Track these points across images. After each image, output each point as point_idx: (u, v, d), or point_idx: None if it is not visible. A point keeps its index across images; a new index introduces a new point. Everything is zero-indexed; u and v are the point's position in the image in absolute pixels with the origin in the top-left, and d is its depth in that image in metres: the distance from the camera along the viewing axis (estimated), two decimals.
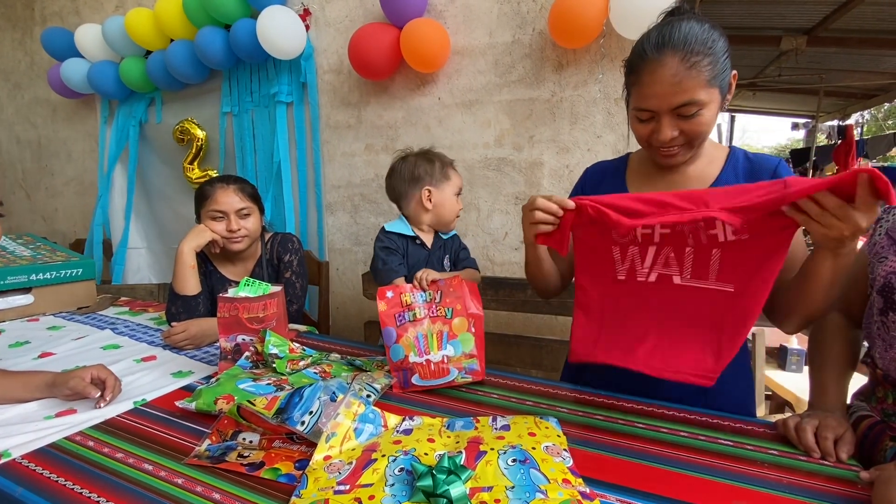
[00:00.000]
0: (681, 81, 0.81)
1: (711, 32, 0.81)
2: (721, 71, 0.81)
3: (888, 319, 0.74)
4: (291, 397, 0.72)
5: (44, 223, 3.26)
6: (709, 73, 0.80)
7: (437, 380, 0.96)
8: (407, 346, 0.97)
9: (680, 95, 0.81)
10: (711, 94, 0.82)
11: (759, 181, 0.83)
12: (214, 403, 0.82)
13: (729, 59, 0.82)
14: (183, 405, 0.85)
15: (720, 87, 0.82)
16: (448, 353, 0.98)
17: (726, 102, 0.86)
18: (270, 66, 2.19)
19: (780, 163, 0.91)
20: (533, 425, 0.77)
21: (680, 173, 0.94)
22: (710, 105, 0.83)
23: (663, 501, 0.62)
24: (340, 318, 2.30)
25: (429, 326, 0.99)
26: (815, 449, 0.72)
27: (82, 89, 2.59)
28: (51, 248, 1.73)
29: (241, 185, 1.41)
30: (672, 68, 0.81)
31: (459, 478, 0.59)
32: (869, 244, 0.83)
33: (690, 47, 0.80)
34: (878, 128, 9.35)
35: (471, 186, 1.96)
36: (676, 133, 0.85)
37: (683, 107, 0.82)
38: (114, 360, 1.11)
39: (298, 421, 0.69)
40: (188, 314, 1.31)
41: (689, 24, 0.81)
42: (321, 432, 0.67)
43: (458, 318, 1.00)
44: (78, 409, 0.89)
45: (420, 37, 1.77)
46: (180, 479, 0.65)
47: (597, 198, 0.78)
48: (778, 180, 0.70)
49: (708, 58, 0.80)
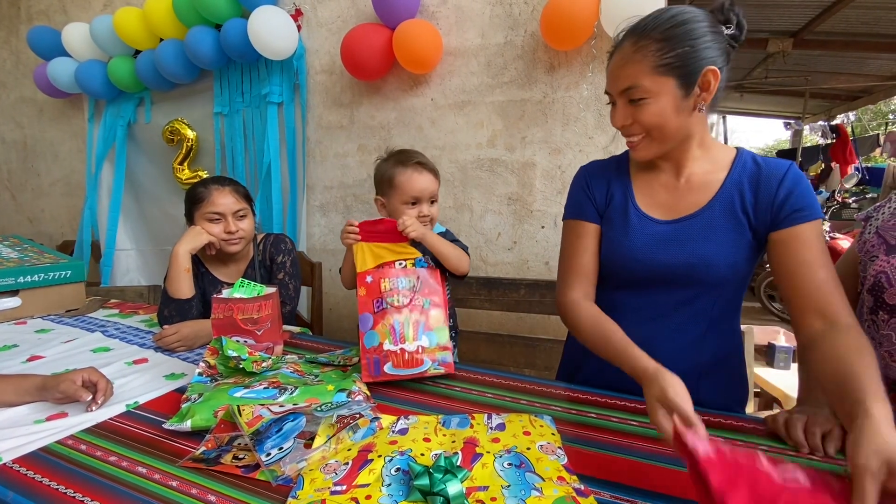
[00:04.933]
0: (625, 65, 0.81)
1: (682, 21, 0.77)
2: (679, 60, 0.77)
3: (878, 318, 0.75)
4: (272, 425, 0.70)
5: (30, 224, 3.21)
6: (656, 59, 0.77)
7: (410, 369, 0.96)
8: (383, 334, 0.97)
9: (623, 80, 0.81)
10: (659, 82, 0.78)
11: (765, 188, 0.83)
12: (214, 416, 0.77)
13: (707, 50, 0.77)
14: (173, 427, 0.77)
15: (678, 77, 0.78)
16: (423, 344, 0.98)
17: (702, 100, 0.80)
18: (262, 67, 2.18)
19: (791, 167, 0.84)
20: (528, 424, 0.78)
21: (677, 176, 0.90)
22: (659, 95, 0.79)
23: (656, 497, 0.62)
24: (334, 319, 2.29)
25: (407, 315, 0.99)
26: (804, 444, 0.73)
27: (69, 89, 2.55)
28: (38, 250, 1.71)
29: (235, 187, 1.40)
30: (623, 51, 0.81)
31: (456, 476, 0.60)
32: (859, 242, 0.84)
33: (644, 32, 0.78)
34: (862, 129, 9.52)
35: (463, 187, 1.97)
36: (630, 121, 0.83)
37: (628, 91, 0.81)
38: (105, 363, 1.10)
39: (266, 451, 0.67)
40: (181, 317, 1.29)
41: (672, 10, 0.78)
42: (276, 472, 0.65)
43: (435, 310, 1.01)
44: (69, 412, 0.87)
45: (412, 38, 1.78)
46: (175, 481, 0.65)
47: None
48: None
49: (659, 43, 0.77)
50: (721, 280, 0.87)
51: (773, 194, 0.83)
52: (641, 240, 0.90)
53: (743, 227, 0.85)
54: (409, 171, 1.23)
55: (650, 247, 0.89)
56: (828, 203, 5.17)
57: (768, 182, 0.84)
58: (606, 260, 0.95)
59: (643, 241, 0.90)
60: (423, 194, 1.24)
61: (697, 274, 0.87)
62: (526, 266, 1.90)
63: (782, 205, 0.82)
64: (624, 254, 0.92)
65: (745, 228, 0.85)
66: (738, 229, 0.85)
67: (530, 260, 1.89)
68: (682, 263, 0.87)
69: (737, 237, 0.86)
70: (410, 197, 1.23)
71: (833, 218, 4.70)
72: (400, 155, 1.27)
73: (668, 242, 0.88)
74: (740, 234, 0.86)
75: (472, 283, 1.74)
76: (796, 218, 0.81)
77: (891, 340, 0.74)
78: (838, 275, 0.91)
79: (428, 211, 1.26)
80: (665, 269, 0.88)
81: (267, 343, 1.07)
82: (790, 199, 0.81)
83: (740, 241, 0.86)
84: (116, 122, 2.59)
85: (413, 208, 1.24)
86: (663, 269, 0.89)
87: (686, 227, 0.88)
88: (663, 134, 0.83)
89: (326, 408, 0.75)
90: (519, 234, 1.90)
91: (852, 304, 0.85)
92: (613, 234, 0.94)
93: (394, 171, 1.24)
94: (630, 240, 0.91)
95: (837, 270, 0.92)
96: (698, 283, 0.88)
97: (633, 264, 0.91)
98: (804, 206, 0.81)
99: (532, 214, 1.85)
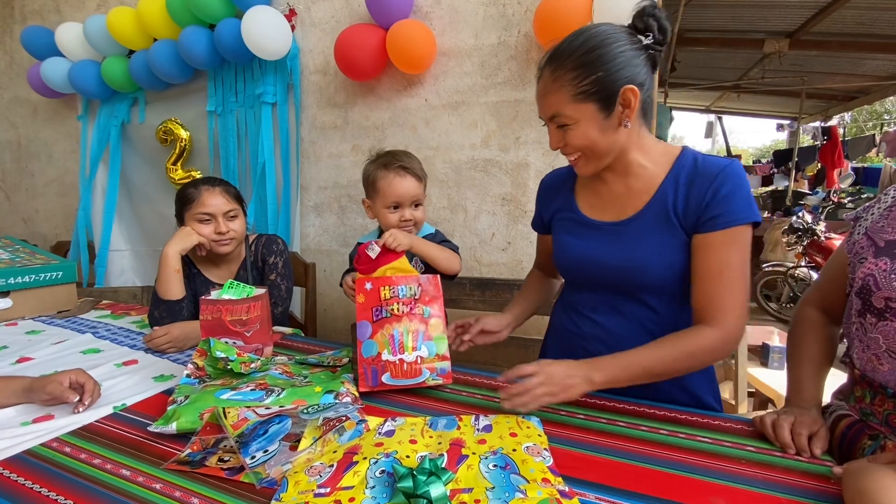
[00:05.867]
0: (546, 94, 0.84)
1: (594, 46, 0.78)
2: (596, 86, 0.78)
3: (866, 321, 0.74)
4: (257, 427, 0.70)
5: (24, 225, 3.20)
6: (573, 87, 0.79)
7: (409, 380, 0.94)
8: (381, 344, 0.95)
9: (547, 108, 0.85)
10: (579, 109, 0.81)
11: (697, 189, 0.84)
12: (200, 419, 0.77)
13: (623, 70, 0.78)
14: (158, 430, 0.77)
15: (597, 101, 0.80)
16: (422, 354, 0.96)
17: (626, 117, 0.81)
18: (256, 67, 2.18)
19: (725, 169, 0.83)
20: (515, 425, 0.77)
21: (622, 182, 0.92)
22: (581, 121, 0.81)
23: (641, 499, 0.62)
24: (329, 321, 2.29)
25: (406, 324, 0.97)
26: (791, 445, 0.73)
27: (63, 89, 2.54)
28: (30, 251, 1.70)
29: (225, 187, 1.40)
30: (543, 80, 0.85)
31: (440, 479, 0.59)
32: (848, 243, 0.83)
33: (560, 61, 0.81)
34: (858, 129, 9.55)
35: (457, 188, 1.97)
36: (563, 143, 0.86)
37: (553, 118, 0.84)
38: (94, 365, 1.10)
39: (251, 453, 0.67)
40: (171, 318, 1.29)
41: (586, 34, 0.80)
42: (261, 475, 0.65)
43: (434, 319, 0.99)
44: (56, 414, 0.87)
45: (406, 38, 1.77)
46: (158, 484, 0.65)
47: None
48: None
49: (575, 72, 0.79)
50: (660, 280, 0.88)
51: (702, 196, 0.83)
52: (584, 243, 0.95)
53: (675, 229, 0.86)
54: (391, 176, 1.21)
55: (592, 249, 0.94)
56: (823, 203, 5.17)
57: (701, 183, 0.84)
58: (557, 263, 1.03)
59: (585, 244, 0.95)
60: (404, 199, 1.22)
61: (635, 275, 0.89)
62: (520, 266, 1.90)
63: (706, 208, 0.82)
64: (569, 257, 0.98)
65: (677, 230, 0.86)
66: (671, 230, 0.86)
67: (524, 260, 1.89)
68: (621, 266, 0.90)
69: (669, 238, 0.86)
70: (391, 201, 1.22)
71: (829, 218, 4.71)
72: (384, 157, 1.25)
73: (610, 245, 0.92)
74: (673, 235, 0.86)
75: (465, 283, 1.74)
76: (710, 225, 0.82)
77: (878, 343, 0.73)
78: (827, 276, 0.91)
79: (410, 215, 1.24)
80: (608, 270, 0.92)
81: (256, 344, 1.07)
82: (712, 203, 0.82)
83: (673, 242, 0.86)
84: (110, 123, 2.58)
85: (395, 212, 1.23)
86: (606, 270, 0.92)
87: (624, 230, 0.91)
88: (595, 153, 0.85)
89: (313, 410, 0.75)
90: (513, 234, 1.90)
91: (841, 307, 0.85)
92: (560, 238, 1.01)
93: (376, 174, 1.23)
94: (573, 243, 0.97)
95: (826, 273, 0.92)
96: (641, 283, 0.90)
97: (579, 267, 0.97)
98: (723, 212, 0.81)
99: (526, 215, 1.85)
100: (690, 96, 7.60)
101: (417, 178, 1.24)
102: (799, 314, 0.93)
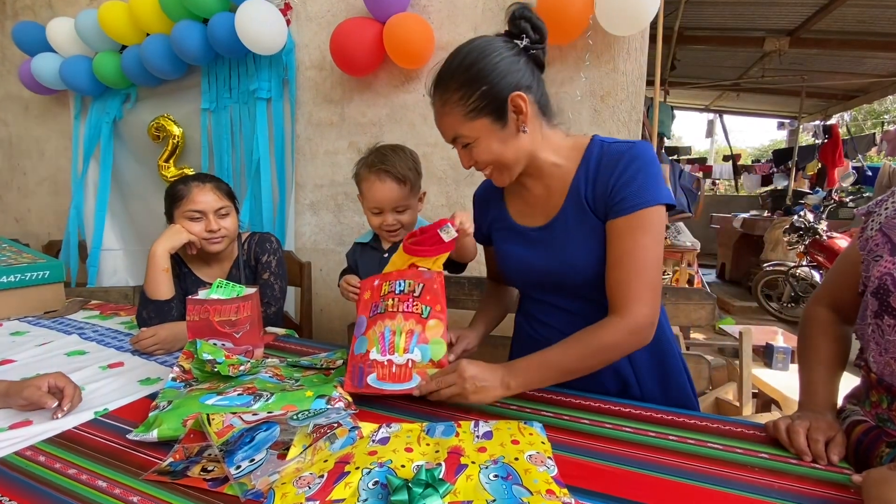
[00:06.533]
0: (441, 119, 0.84)
1: (472, 62, 0.78)
2: (483, 100, 0.78)
3: (883, 323, 0.71)
4: (242, 435, 0.66)
5: (16, 224, 3.15)
6: (462, 108, 0.79)
7: (396, 384, 0.84)
8: (371, 341, 0.88)
9: (446, 131, 0.85)
10: (474, 127, 0.81)
11: (603, 175, 0.83)
12: (183, 425, 0.72)
13: (505, 79, 0.78)
14: (138, 437, 0.72)
15: (488, 115, 0.80)
16: (414, 358, 0.85)
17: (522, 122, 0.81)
18: (250, 62, 2.14)
19: (629, 151, 0.82)
20: (517, 431, 0.74)
21: (541, 185, 0.91)
22: (479, 137, 0.81)
23: None
24: (324, 321, 2.25)
25: (400, 322, 0.88)
26: (807, 452, 0.69)
27: (55, 85, 2.50)
28: (17, 250, 1.65)
29: (216, 184, 1.36)
30: (435, 107, 0.85)
31: (437, 492, 0.56)
32: (861, 240, 0.79)
33: (445, 84, 0.81)
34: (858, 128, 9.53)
35: (456, 185, 1.93)
36: (473, 161, 0.86)
37: (455, 140, 0.85)
38: (78, 367, 1.06)
39: (236, 463, 0.63)
40: (160, 319, 1.25)
41: (463, 52, 0.81)
42: (246, 486, 0.61)
43: (433, 320, 0.89)
44: (34, 420, 0.83)
45: (404, 32, 1.74)
46: (136, 496, 0.61)
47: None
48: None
49: (460, 92, 0.79)
50: (594, 276, 0.86)
51: (607, 181, 0.82)
52: (520, 251, 0.94)
53: (592, 220, 0.85)
54: (372, 178, 1.17)
55: (529, 257, 0.93)
56: (824, 202, 5.14)
57: (606, 168, 0.83)
58: (501, 274, 1.03)
59: (522, 252, 0.94)
60: (384, 204, 1.17)
61: (569, 277, 0.88)
62: None
63: (611, 193, 0.81)
64: (510, 266, 0.98)
65: (594, 220, 0.85)
66: (590, 223, 0.85)
67: None
68: (555, 270, 0.89)
69: (590, 231, 0.85)
70: (372, 206, 1.18)
71: (830, 217, 4.68)
72: (372, 156, 1.21)
73: (543, 250, 0.91)
74: (592, 227, 0.85)
75: (464, 283, 1.69)
76: (617, 210, 0.81)
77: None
78: (838, 274, 0.87)
79: (394, 220, 1.19)
80: (545, 276, 0.91)
81: (246, 346, 1.02)
82: (617, 187, 0.81)
83: (595, 235, 0.85)
84: (102, 119, 2.54)
85: (377, 216, 1.19)
86: (544, 276, 0.91)
87: (550, 233, 0.90)
88: (504, 164, 0.85)
89: (303, 416, 0.71)
90: None
91: (852, 305, 0.81)
92: (500, 249, 1.00)
93: (361, 174, 1.20)
94: (512, 252, 0.96)
95: (836, 270, 0.88)
96: (578, 283, 0.88)
97: (520, 275, 0.97)
98: (627, 195, 0.80)
99: None
100: (690, 95, 7.56)
101: (400, 182, 1.17)
102: (808, 314, 0.89)
